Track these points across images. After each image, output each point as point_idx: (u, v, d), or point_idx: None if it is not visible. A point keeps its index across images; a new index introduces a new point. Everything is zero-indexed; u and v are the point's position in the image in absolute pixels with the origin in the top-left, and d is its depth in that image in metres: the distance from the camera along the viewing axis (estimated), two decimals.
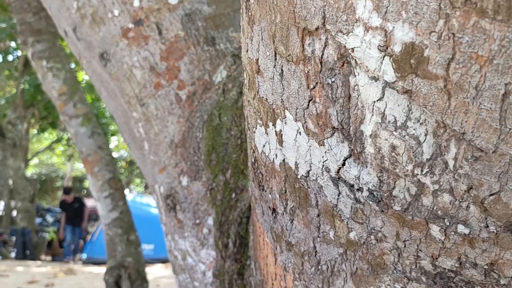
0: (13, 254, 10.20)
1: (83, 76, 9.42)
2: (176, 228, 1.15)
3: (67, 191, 10.28)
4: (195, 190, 1.09)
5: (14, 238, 11.97)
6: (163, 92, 1.11)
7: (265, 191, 0.55)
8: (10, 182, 11.10)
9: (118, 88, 1.18)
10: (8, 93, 14.43)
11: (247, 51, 0.46)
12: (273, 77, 0.42)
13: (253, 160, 0.57)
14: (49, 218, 11.69)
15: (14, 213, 13.91)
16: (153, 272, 6.96)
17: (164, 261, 8.66)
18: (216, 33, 1.12)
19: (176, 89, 1.10)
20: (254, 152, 0.54)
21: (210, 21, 1.12)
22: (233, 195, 1.04)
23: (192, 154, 1.09)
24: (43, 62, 2.76)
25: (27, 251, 9.49)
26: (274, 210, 0.54)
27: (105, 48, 1.16)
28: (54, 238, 10.10)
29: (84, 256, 8.87)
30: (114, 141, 16.12)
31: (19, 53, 11.25)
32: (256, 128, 0.50)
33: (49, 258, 10.26)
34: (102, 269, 7.97)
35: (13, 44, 11.27)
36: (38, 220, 11.33)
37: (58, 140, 14.46)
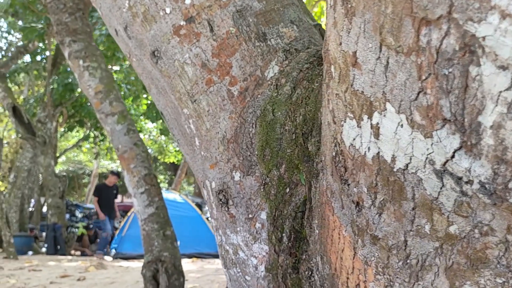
0: (43, 249, 10.52)
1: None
2: (228, 223, 1.17)
3: (116, 173, 10.14)
4: (248, 185, 1.10)
5: (44, 234, 12.34)
6: (215, 88, 1.13)
7: (349, 184, 0.55)
8: (40, 178, 11.42)
9: (169, 85, 1.20)
10: (36, 92, 14.82)
11: (340, 44, 0.46)
12: (374, 69, 0.42)
13: (333, 154, 0.57)
14: (78, 214, 12.00)
15: (44, 209, 14.32)
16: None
17: (190, 256, 8.77)
18: (267, 28, 1.12)
19: (228, 85, 1.11)
20: (337, 145, 0.54)
21: (261, 17, 1.13)
22: (287, 189, 1.05)
23: (245, 150, 1.10)
24: (79, 62, 2.82)
25: (58, 246, 9.75)
26: (358, 204, 0.54)
27: (156, 46, 1.17)
28: (83, 233, 10.36)
29: (113, 251, 9.04)
30: None
31: (47, 53, 11.54)
32: (345, 122, 0.50)
33: (78, 253, 10.53)
34: (132, 264, 8.11)
35: (40, 44, 11.55)
36: (67, 215, 11.63)
37: (85, 138, 14.78)
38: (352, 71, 0.45)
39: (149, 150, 19.90)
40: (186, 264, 8.00)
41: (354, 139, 0.49)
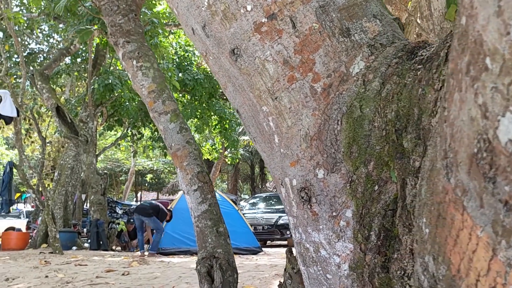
0: (86, 245, 10.87)
1: None
2: (309, 220, 1.16)
3: None
4: (333, 182, 1.09)
5: (85, 230, 12.76)
6: (297, 85, 1.12)
7: (494, 182, 0.53)
8: (82, 176, 11.79)
9: (248, 83, 1.20)
10: (77, 93, 15.32)
11: (507, 33, 0.44)
12: None
13: (475, 150, 0.54)
14: (118, 210, 12.35)
15: (85, 206, 14.80)
16: None
17: None
18: (350, 23, 1.10)
19: (311, 81, 1.10)
20: (482, 142, 0.52)
21: (344, 12, 1.11)
22: (376, 187, 1.02)
23: (329, 147, 1.09)
24: (133, 62, 2.88)
25: (101, 241, 10.05)
26: (506, 203, 0.52)
27: (236, 44, 1.18)
28: (124, 230, 10.63)
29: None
30: None
31: (87, 54, 11.88)
32: (503, 116, 0.48)
33: (119, 248, 10.81)
34: (172, 259, 8.26)
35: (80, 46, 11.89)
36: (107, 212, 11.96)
37: (123, 137, 15.16)
38: None
39: None
40: None
41: None
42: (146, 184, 32.45)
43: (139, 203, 23.63)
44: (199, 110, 13.27)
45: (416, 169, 0.90)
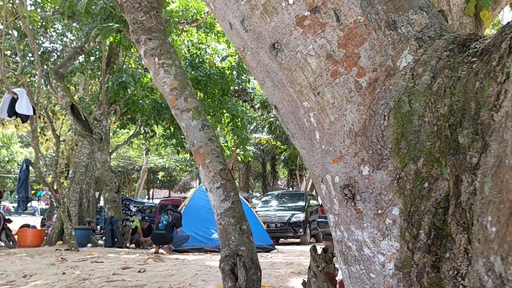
0: (100, 242, 10.96)
1: None
2: (353, 218, 1.13)
3: None
4: (378, 179, 1.06)
5: (98, 227, 12.85)
6: (341, 80, 1.09)
7: None
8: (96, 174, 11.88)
9: (288, 78, 1.18)
10: (90, 91, 15.43)
11: None
12: None
13: None
14: (132, 208, 12.42)
15: (99, 203, 14.91)
16: None
17: None
18: (396, 16, 1.07)
19: (356, 76, 1.07)
20: None
21: (390, 4, 1.08)
22: (426, 184, 0.99)
23: (375, 143, 1.06)
24: (155, 59, 2.87)
25: (115, 239, 10.11)
26: None
27: (277, 38, 1.15)
28: (138, 227, 10.68)
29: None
30: None
31: (101, 53, 11.95)
32: None
33: (133, 245, 10.88)
34: (187, 257, 8.27)
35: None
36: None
37: (136, 135, 15.23)
38: None
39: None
40: None
41: None
42: (158, 182, 32.64)
43: (151, 201, 23.76)
44: (212, 108, 13.28)
45: (473, 165, 0.87)
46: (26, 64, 12.07)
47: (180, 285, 5.15)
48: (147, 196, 31.76)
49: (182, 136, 13.56)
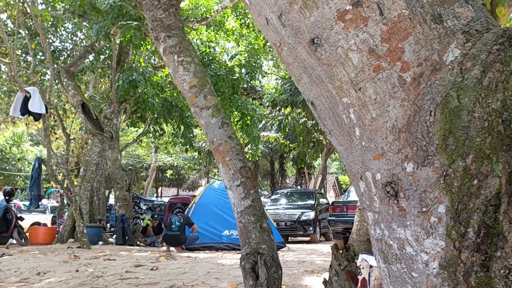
0: (111, 240, 11.01)
1: None
2: (395, 216, 1.11)
3: None
4: (423, 176, 1.04)
5: (108, 225, 12.92)
6: (384, 75, 1.07)
7: None
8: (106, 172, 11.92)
9: (327, 74, 1.16)
10: (100, 89, 15.50)
11: None
12: None
13: None
14: (142, 206, 12.46)
15: (109, 201, 14.98)
16: None
17: None
18: (442, 9, 1.05)
19: (399, 71, 1.05)
20: None
21: None
22: (475, 181, 0.97)
23: (420, 139, 1.04)
24: (174, 56, 2.86)
25: (126, 236, 10.15)
26: None
27: (316, 33, 1.13)
28: (149, 225, 10.71)
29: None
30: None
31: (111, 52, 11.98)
32: None
33: (142, 244, 10.91)
34: (198, 255, 8.28)
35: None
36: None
37: (145, 133, 15.28)
38: None
39: (203, 145, 20.28)
40: None
41: None
42: (167, 180, 32.75)
43: (160, 199, 23.81)
44: (222, 106, 13.26)
45: None
46: (37, 63, 12.14)
47: (193, 283, 5.15)
48: (155, 194, 31.90)
49: (191, 134, 13.58)
